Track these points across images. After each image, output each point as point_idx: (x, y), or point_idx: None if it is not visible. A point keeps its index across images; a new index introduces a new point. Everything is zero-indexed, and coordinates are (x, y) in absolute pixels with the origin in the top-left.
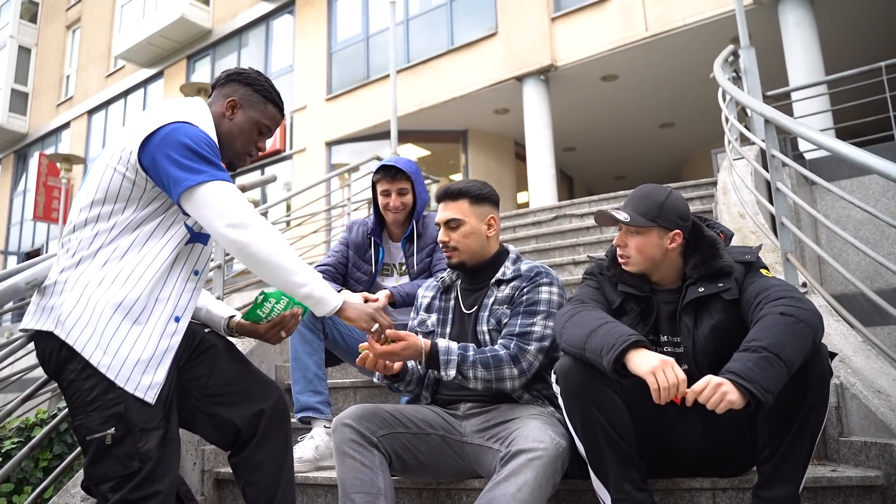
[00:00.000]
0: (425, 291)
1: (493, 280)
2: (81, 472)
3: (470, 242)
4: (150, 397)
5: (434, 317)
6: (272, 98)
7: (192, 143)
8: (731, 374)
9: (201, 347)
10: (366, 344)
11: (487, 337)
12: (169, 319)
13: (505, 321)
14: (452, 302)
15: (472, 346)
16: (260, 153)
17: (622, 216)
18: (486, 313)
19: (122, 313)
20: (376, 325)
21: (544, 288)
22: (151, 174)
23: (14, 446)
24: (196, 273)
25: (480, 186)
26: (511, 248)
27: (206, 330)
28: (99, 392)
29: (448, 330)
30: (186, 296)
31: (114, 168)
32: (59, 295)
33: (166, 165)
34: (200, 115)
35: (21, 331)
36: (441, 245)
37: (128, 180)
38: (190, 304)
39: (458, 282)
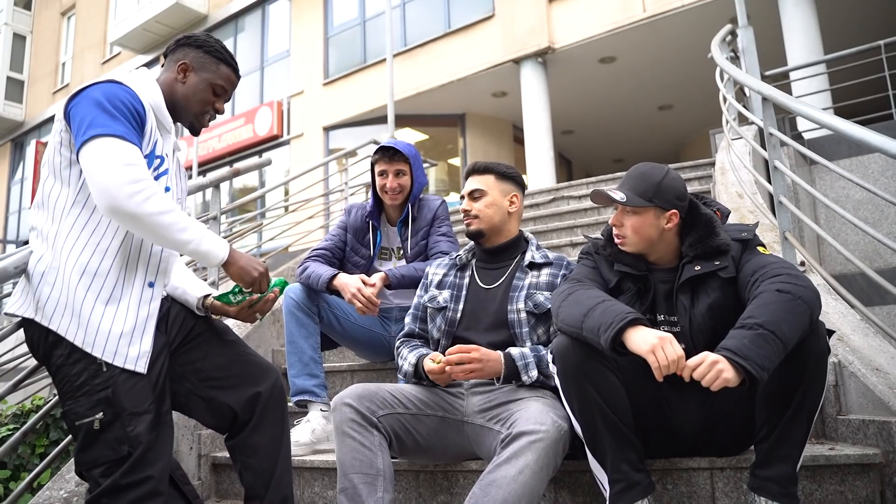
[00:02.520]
0: (437, 269)
1: (524, 262)
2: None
3: (491, 213)
4: (141, 367)
5: (447, 293)
6: (224, 58)
7: (101, 99)
8: (727, 351)
9: (196, 331)
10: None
11: (521, 316)
12: (143, 287)
13: (549, 307)
14: (468, 280)
15: (541, 347)
16: (218, 114)
17: (618, 196)
18: (522, 293)
19: (96, 290)
20: (251, 288)
21: None
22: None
23: (10, 433)
24: None
25: (508, 166)
26: (530, 234)
27: (202, 315)
28: (87, 377)
29: (461, 306)
30: (155, 260)
31: (55, 144)
32: (36, 279)
33: (75, 120)
34: (135, 78)
35: (6, 314)
36: (462, 214)
37: (65, 149)
38: (161, 268)
39: (474, 261)
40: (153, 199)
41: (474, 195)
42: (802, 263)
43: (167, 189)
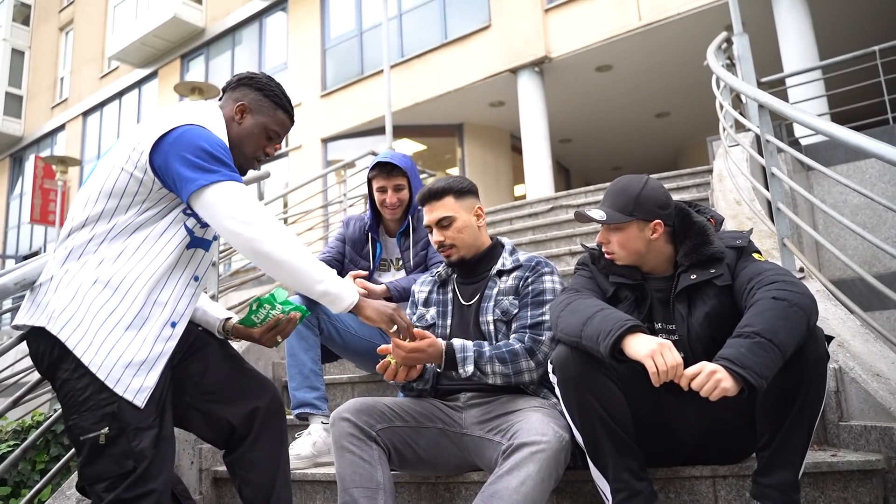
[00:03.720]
0: (421, 287)
1: (493, 271)
2: (77, 473)
3: (465, 237)
4: (140, 401)
5: (433, 310)
6: (282, 104)
7: (206, 145)
8: (725, 361)
9: (196, 345)
10: (386, 347)
11: (492, 327)
12: (165, 324)
13: (514, 312)
14: (450, 295)
15: (485, 343)
16: (268, 157)
17: (597, 215)
18: (491, 304)
19: (118, 316)
20: (395, 327)
21: (547, 277)
22: (161, 174)
23: (10, 449)
24: (196, 279)
25: (460, 181)
26: (505, 240)
27: (200, 328)
28: (92, 391)
29: (448, 322)
30: (185, 301)
31: (121, 168)
32: (52, 292)
33: (178, 165)
34: (213, 120)
35: (13, 327)
36: (437, 246)
37: (135, 180)
38: (188, 310)
39: (454, 276)
40: (287, 242)
41: (442, 223)
42: (801, 269)
43: (215, 237)
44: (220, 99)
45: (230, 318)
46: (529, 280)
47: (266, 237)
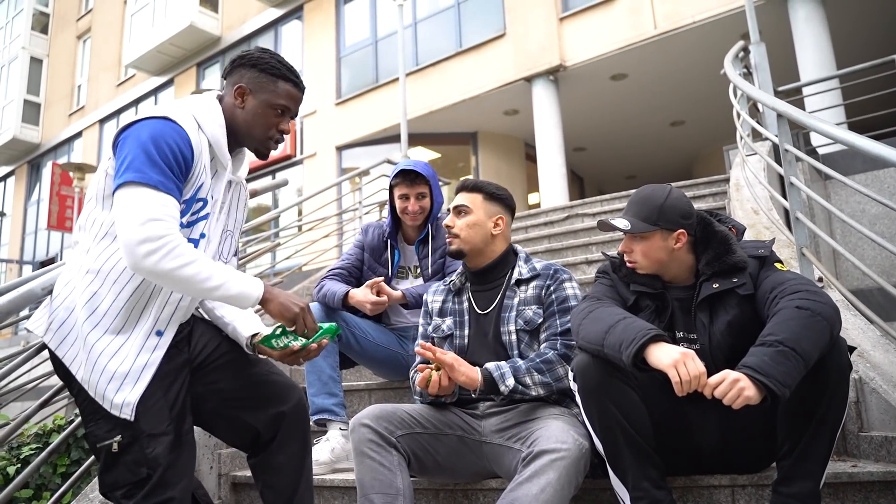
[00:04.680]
0: (434, 296)
1: (511, 280)
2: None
3: (472, 233)
4: (127, 414)
5: (449, 320)
6: (281, 74)
7: (146, 140)
8: (747, 369)
9: (219, 351)
10: (425, 366)
11: (514, 337)
12: (150, 333)
13: (539, 321)
14: (466, 304)
15: (517, 359)
16: (285, 134)
17: (622, 224)
18: (512, 313)
19: (102, 329)
20: (293, 327)
21: (567, 284)
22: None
23: (32, 452)
24: None
25: (498, 187)
26: (519, 248)
27: (224, 333)
28: None
29: (466, 332)
30: (170, 308)
31: (104, 169)
32: (52, 301)
33: (118, 160)
34: (202, 111)
35: (27, 329)
36: (445, 229)
37: (109, 177)
38: (175, 317)
39: (468, 284)
40: (171, 254)
41: (459, 210)
42: (820, 279)
43: (202, 235)
44: (221, 89)
45: (256, 334)
46: (552, 288)
47: (150, 256)
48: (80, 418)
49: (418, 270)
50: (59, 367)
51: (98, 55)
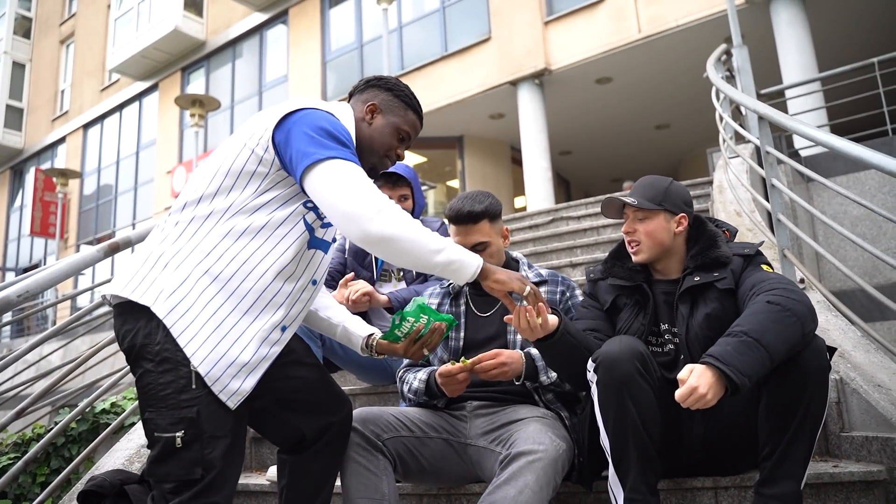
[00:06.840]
0: (430, 298)
1: None
2: (78, 485)
3: (493, 262)
4: (233, 403)
5: None
6: (413, 105)
7: (327, 125)
8: (710, 357)
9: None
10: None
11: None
12: (275, 327)
13: None
14: (463, 307)
15: None
16: (399, 160)
17: (630, 200)
18: None
19: (226, 311)
20: (528, 288)
21: (577, 291)
22: (281, 151)
23: (11, 462)
24: (314, 283)
25: (494, 202)
26: (517, 253)
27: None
28: (173, 390)
29: (462, 334)
30: (299, 306)
31: (245, 143)
32: (160, 270)
33: (297, 141)
34: (343, 113)
35: (109, 296)
36: None
37: (255, 157)
38: (300, 316)
39: (467, 288)
40: (397, 217)
41: (477, 249)
42: (802, 280)
43: (334, 240)
44: (348, 102)
45: (373, 335)
46: (567, 295)
47: (375, 216)
48: (56, 427)
49: (401, 273)
50: (135, 338)
51: (82, 60)
